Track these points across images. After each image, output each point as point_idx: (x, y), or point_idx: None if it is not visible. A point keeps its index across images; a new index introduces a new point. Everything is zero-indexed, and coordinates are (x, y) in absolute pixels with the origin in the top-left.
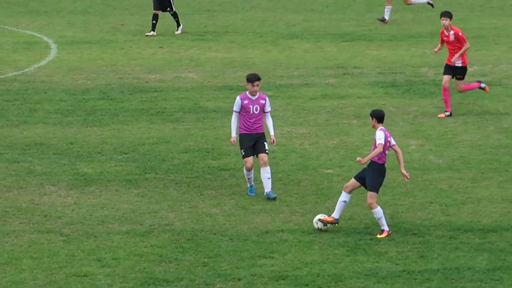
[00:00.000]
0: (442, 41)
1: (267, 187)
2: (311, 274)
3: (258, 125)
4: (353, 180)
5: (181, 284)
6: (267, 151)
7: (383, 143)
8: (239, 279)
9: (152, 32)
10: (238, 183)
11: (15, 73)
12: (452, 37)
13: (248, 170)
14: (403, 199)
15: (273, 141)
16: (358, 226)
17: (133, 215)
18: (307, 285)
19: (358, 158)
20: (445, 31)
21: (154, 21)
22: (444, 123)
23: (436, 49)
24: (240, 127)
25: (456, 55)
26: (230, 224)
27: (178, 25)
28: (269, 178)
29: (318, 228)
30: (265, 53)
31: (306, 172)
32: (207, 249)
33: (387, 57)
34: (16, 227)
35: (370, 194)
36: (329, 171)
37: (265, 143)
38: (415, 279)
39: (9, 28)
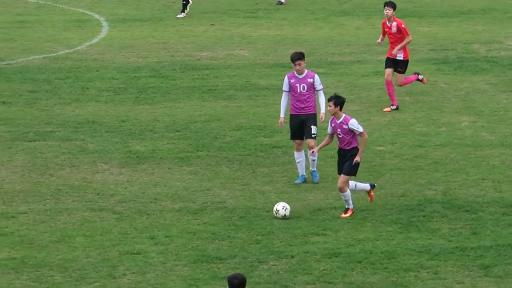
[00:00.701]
0: (384, 32)
1: (313, 166)
2: (364, 251)
3: (306, 105)
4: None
5: (234, 261)
6: (313, 136)
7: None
8: (292, 257)
9: (182, 14)
10: (290, 161)
11: (67, 51)
12: (394, 29)
13: (296, 151)
14: (455, 175)
15: (322, 118)
16: (411, 203)
17: (185, 193)
18: (360, 262)
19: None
20: (387, 22)
21: (184, 2)
22: (496, 99)
23: (378, 40)
24: (290, 108)
25: (397, 47)
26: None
27: (183, 9)
28: (314, 160)
29: (279, 215)
30: (316, 30)
31: None
32: (259, 227)
33: (438, 34)
34: (69, 205)
35: (345, 178)
36: (381, 148)
37: (312, 126)
38: (468, 256)
39: (61, 6)
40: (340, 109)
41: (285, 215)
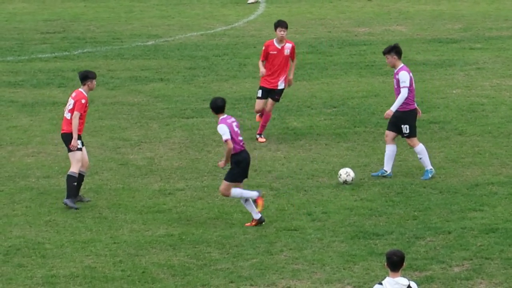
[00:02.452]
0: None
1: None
2: None
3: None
4: None
5: (391, 237)
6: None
7: (229, 137)
8: (449, 232)
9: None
10: (447, 136)
11: (224, 28)
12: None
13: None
14: None
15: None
16: None
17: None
18: None
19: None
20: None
21: None
22: None
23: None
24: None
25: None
26: (440, 177)
27: None
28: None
29: (341, 179)
30: (474, 5)
31: None
32: (417, 203)
33: None
34: None
35: (225, 184)
36: None
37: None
38: None
39: None
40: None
41: (345, 181)
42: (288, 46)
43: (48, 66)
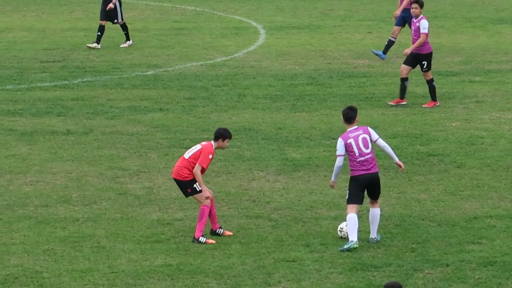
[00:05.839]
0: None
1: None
2: None
3: None
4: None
5: (389, 269)
6: None
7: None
8: (447, 265)
9: (95, 44)
10: (446, 169)
11: (224, 58)
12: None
13: None
14: None
15: None
16: None
17: (341, 201)
18: None
19: None
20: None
21: (99, 33)
22: None
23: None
24: None
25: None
26: (439, 210)
27: (127, 39)
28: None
29: (341, 236)
30: (474, 38)
31: None
32: (415, 235)
33: None
34: (225, 212)
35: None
36: None
37: None
38: None
39: (218, 14)
40: None
41: (341, 237)
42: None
43: (47, 95)
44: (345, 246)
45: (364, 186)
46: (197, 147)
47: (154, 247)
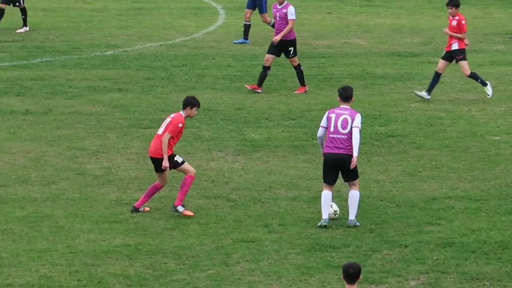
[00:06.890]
0: None
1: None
2: (478, 241)
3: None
4: None
5: (348, 250)
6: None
7: None
8: (406, 246)
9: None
10: (405, 150)
11: (183, 38)
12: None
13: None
14: None
15: None
16: None
17: (300, 181)
18: (473, 252)
19: None
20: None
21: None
22: None
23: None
24: None
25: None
26: (397, 191)
27: (24, 24)
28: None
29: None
30: (433, 19)
31: (474, 139)
32: (374, 216)
33: None
34: None
35: None
36: (496, 138)
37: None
38: None
39: None
40: None
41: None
42: None
43: (6, 75)
44: (318, 224)
45: (331, 166)
46: (167, 120)
47: (112, 227)
